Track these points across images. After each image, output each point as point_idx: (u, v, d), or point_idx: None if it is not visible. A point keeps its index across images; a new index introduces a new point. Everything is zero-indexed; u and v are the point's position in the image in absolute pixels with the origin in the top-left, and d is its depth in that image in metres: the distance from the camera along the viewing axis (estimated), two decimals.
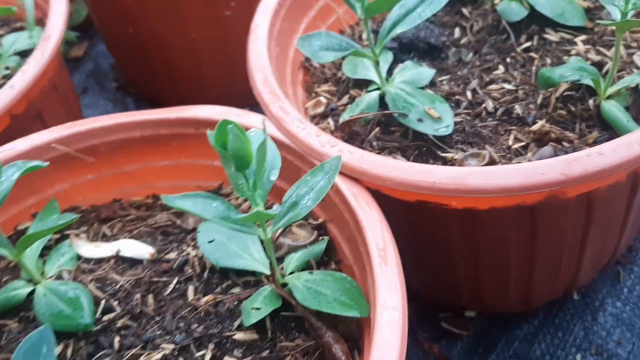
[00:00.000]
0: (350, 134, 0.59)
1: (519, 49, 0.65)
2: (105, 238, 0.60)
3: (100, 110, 1.05)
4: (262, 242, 0.52)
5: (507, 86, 0.61)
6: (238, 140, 0.41)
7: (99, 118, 0.60)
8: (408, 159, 0.57)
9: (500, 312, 0.70)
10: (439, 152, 0.56)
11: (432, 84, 0.63)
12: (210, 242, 0.54)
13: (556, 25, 0.66)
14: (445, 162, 0.56)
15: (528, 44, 0.65)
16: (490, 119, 0.59)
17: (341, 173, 0.51)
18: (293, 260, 0.52)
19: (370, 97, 0.61)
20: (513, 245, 0.56)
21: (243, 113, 0.58)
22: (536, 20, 0.66)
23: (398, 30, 0.57)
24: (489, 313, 0.70)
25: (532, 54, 0.64)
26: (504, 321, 0.70)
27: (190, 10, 0.87)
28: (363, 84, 0.65)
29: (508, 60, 0.64)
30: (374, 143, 0.58)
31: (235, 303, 0.52)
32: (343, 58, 0.64)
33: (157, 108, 0.61)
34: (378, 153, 0.57)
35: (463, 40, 0.67)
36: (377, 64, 0.59)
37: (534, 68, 0.62)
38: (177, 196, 0.47)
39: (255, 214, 0.42)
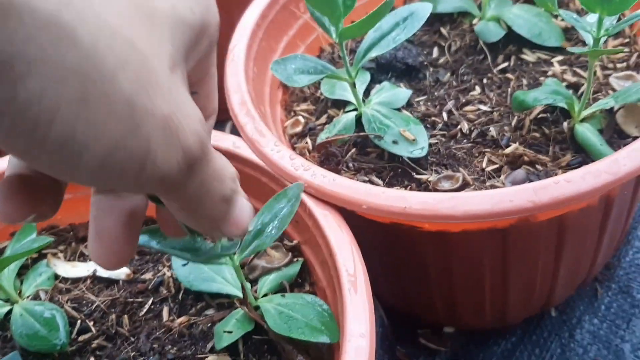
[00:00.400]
0: (327, 154, 0.59)
1: (495, 70, 0.65)
2: (83, 257, 0.60)
3: None
4: None
5: (483, 107, 0.62)
6: None
7: None
8: (384, 180, 0.57)
9: (477, 328, 0.70)
10: (413, 174, 0.57)
11: (409, 105, 0.64)
12: (184, 265, 0.55)
13: (533, 46, 0.66)
14: (420, 183, 0.56)
15: (505, 64, 0.66)
16: (465, 141, 0.59)
17: (314, 197, 0.51)
18: (267, 283, 0.53)
19: (347, 118, 0.61)
20: (486, 265, 0.57)
21: (219, 136, 0.58)
22: (513, 41, 0.67)
23: (373, 54, 0.57)
24: (467, 329, 0.71)
25: (509, 75, 0.64)
26: (482, 337, 0.71)
27: None
28: (341, 104, 0.65)
29: (485, 80, 0.65)
30: (350, 164, 0.59)
31: (209, 325, 0.52)
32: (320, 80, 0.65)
33: None
34: (354, 174, 0.58)
35: (441, 60, 0.68)
36: (353, 85, 0.60)
37: (509, 89, 0.63)
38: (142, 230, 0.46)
39: (216, 254, 0.42)
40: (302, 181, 0.51)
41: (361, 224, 0.51)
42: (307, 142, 0.63)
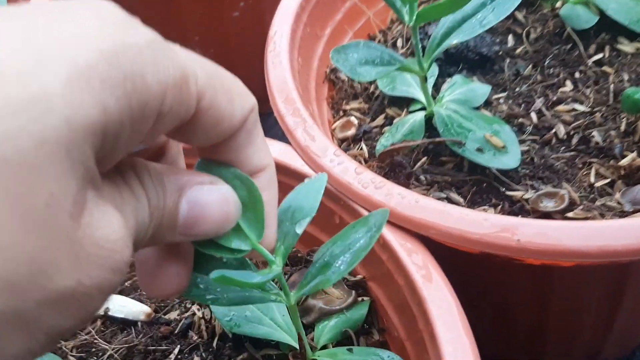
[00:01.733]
0: (392, 165, 0.48)
1: (589, 62, 0.54)
2: None
3: None
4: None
5: (580, 107, 0.51)
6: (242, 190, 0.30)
7: None
8: (465, 198, 0.46)
9: None
10: (502, 189, 0.46)
11: (487, 103, 0.53)
12: None
13: (631, 34, 0.55)
14: (513, 202, 0.45)
15: (599, 55, 0.54)
16: (563, 149, 0.48)
17: (391, 223, 0.40)
18: (326, 330, 0.42)
19: (414, 120, 0.50)
20: (593, 303, 0.46)
21: None
22: (606, 28, 0.56)
23: (453, 40, 0.46)
24: None
25: (606, 68, 0.53)
26: None
27: (192, 11, 0.76)
28: (403, 102, 0.54)
29: (577, 75, 0.53)
30: (421, 177, 0.47)
31: None
32: None
33: None
34: (426, 189, 0.47)
35: (519, 50, 0.57)
36: (424, 79, 0.49)
37: (610, 85, 0.51)
38: None
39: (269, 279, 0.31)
40: (374, 202, 0.40)
41: (438, 251, 0.40)
42: (362, 149, 0.52)
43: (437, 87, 0.54)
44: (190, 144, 0.28)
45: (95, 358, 0.44)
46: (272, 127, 0.49)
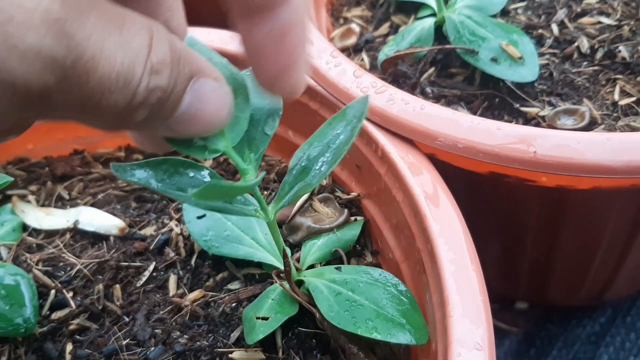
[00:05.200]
0: (396, 74, 0.44)
1: None
2: (61, 203, 0.45)
3: None
4: None
5: (606, 20, 0.46)
6: None
7: None
8: (474, 113, 0.42)
9: (559, 305, 0.56)
10: (517, 105, 0.41)
11: (504, 13, 0.48)
12: (200, 217, 0.40)
13: None
14: (527, 119, 0.41)
15: None
16: (585, 64, 0.43)
17: (392, 132, 0.36)
18: (314, 249, 0.38)
19: (422, 26, 0.45)
20: (608, 232, 0.42)
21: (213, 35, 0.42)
22: None
23: None
24: (545, 306, 0.57)
25: None
26: (563, 317, 0.57)
27: None
28: (410, 9, 0.49)
29: None
30: (428, 89, 0.43)
31: (233, 305, 0.37)
32: None
33: None
34: (433, 103, 0.42)
35: None
36: None
37: None
38: (134, 165, 0.31)
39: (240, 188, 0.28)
40: (373, 109, 0.36)
41: (441, 173, 0.36)
42: (362, 59, 0.47)
43: None
44: None
45: (63, 272, 0.40)
46: None
